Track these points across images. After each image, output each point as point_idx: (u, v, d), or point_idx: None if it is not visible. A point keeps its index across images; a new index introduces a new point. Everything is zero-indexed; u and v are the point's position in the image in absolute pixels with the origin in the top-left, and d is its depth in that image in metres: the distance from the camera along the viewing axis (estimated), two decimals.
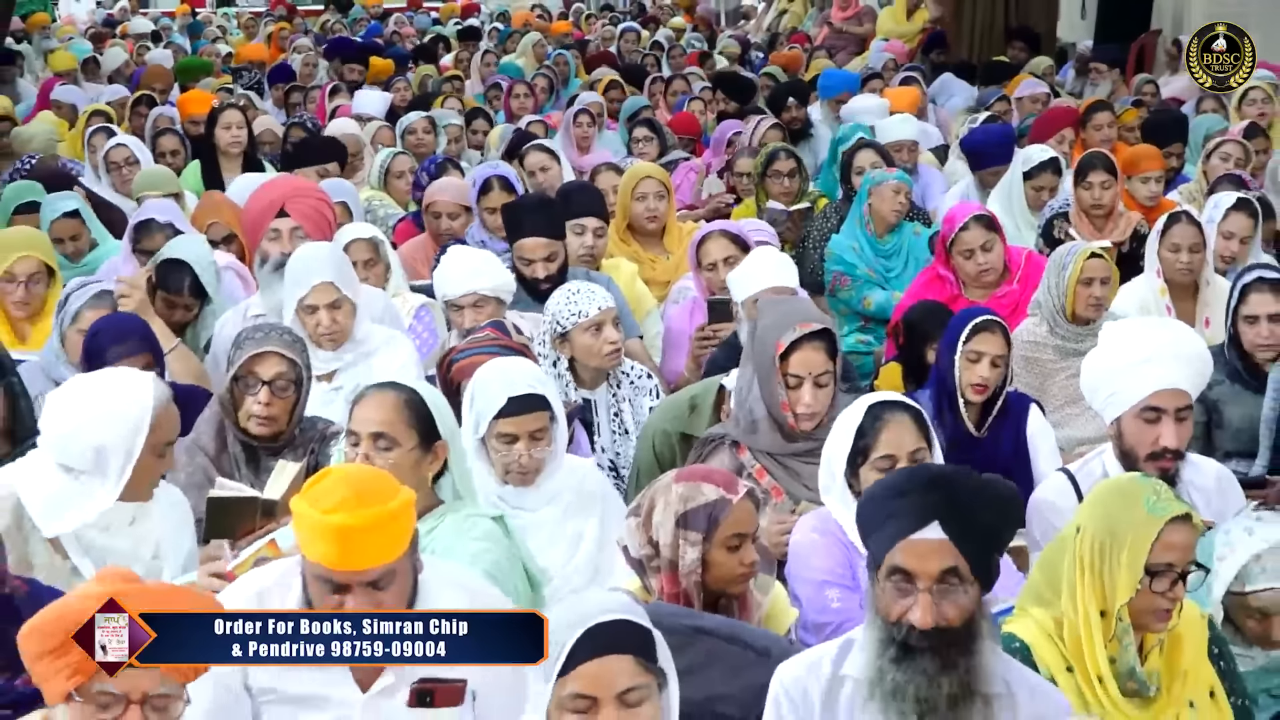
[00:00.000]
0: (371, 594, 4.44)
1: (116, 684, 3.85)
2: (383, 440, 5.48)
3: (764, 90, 17.18)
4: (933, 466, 4.50)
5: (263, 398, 6.28)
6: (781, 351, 6.16)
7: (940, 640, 4.17)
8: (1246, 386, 7.41)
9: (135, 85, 18.68)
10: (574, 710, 3.86)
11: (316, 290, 7.28)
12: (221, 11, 33.94)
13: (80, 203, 10.13)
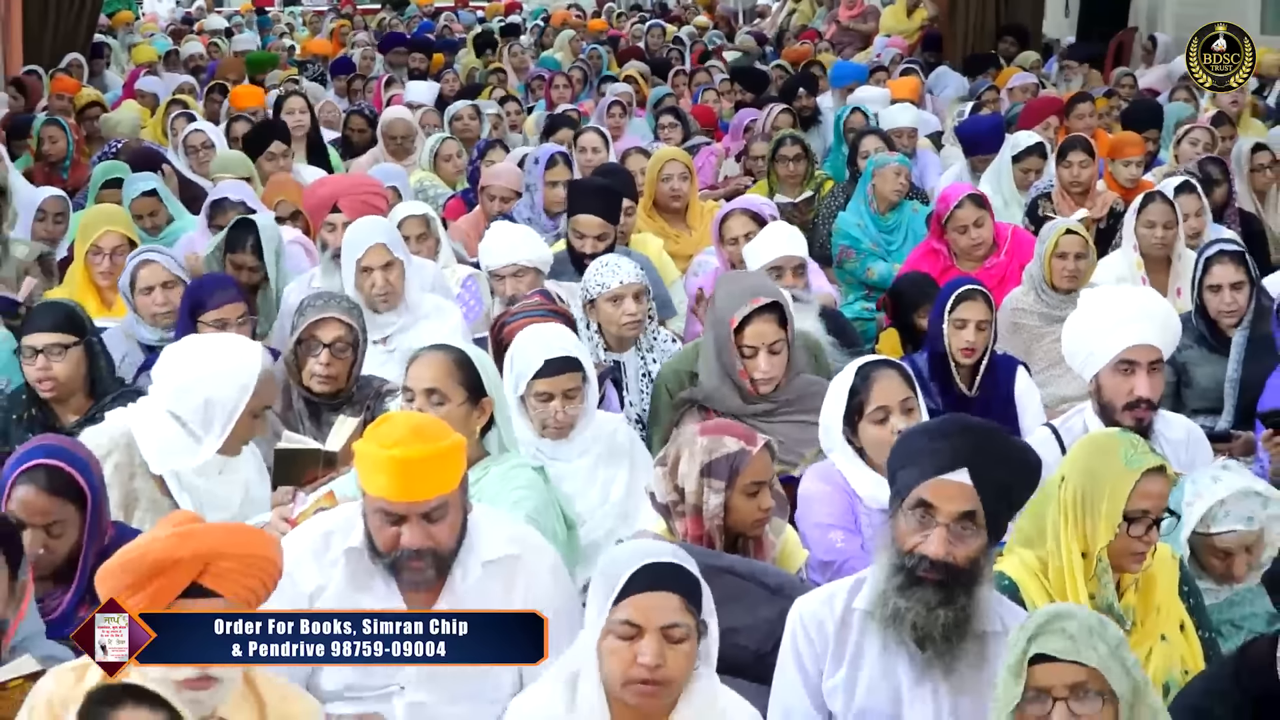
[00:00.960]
0: (425, 526, 4.48)
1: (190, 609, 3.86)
2: (435, 395, 5.49)
3: (777, 81, 17.19)
4: (971, 419, 4.49)
5: (323, 359, 6.31)
6: (735, 325, 6.22)
7: (945, 574, 4.19)
8: (1212, 350, 7.42)
9: (211, 76, 18.72)
10: (620, 636, 3.88)
11: (370, 252, 7.34)
12: (288, 10, 33.91)
13: (158, 182, 10.10)
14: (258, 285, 8.13)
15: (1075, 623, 3.62)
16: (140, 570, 3.84)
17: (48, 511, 4.73)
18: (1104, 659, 3.58)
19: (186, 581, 3.84)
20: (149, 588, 3.83)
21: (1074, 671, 3.57)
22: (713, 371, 6.33)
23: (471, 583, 4.62)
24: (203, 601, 3.85)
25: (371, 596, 4.59)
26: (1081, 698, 3.57)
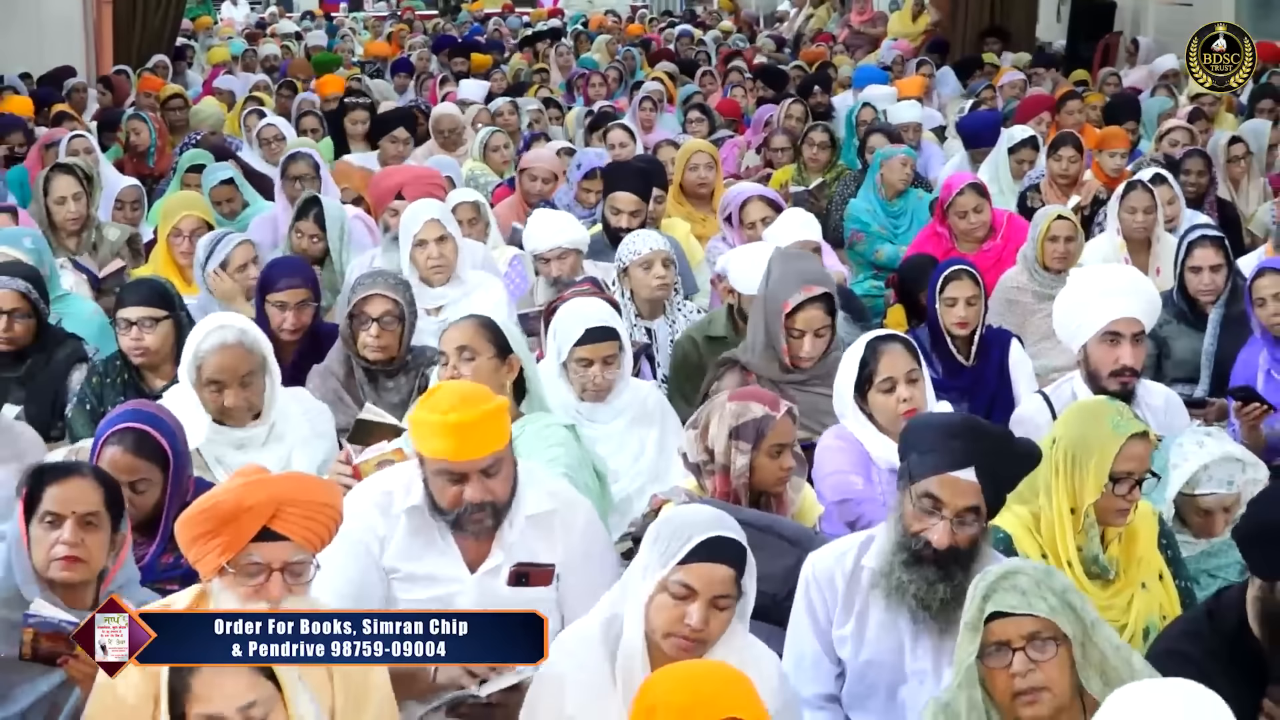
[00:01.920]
0: (484, 481, 4.51)
1: (261, 554, 3.88)
2: (466, 351, 5.56)
3: (795, 80, 17.18)
4: (982, 423, 4.53)
5: (373, 331, 6.30)
6: (788, 311, 6.20)
7: (946, 557, 4.23)
8: (1190, 325, 7.40)
9: (283, 75, 18.75)
10: (674, 595, 3.88)
11: (426, 226, 7.41)
12: (352, 15, 33.93)
13: (234, 172, 10.19)
14: (320, 258, 8.18)
15: (1025, 578, 3.62)
16: (217, 517, 3.86)
17: (133, 470, 4.74)
18: (1054, 607, 3.58)
19: (259, 526, 3.86)
20: (225, 533, 3.85)
21: (1028, 623, 3.57)
22: (758, 340, 6.31)
23: (517, 535, 4.65)
24: (274, 544, 3.88)
25: (431, 549, 4.62)
26: (1038, 645, 3.57)
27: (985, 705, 3.65)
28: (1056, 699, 3.58)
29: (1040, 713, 3.59)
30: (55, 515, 4.22)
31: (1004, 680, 3.60)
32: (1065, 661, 3.59)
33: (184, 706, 3.29)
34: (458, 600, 4.58)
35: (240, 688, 3.30)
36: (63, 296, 7.64)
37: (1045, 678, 3.56)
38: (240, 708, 3.28)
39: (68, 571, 4.21)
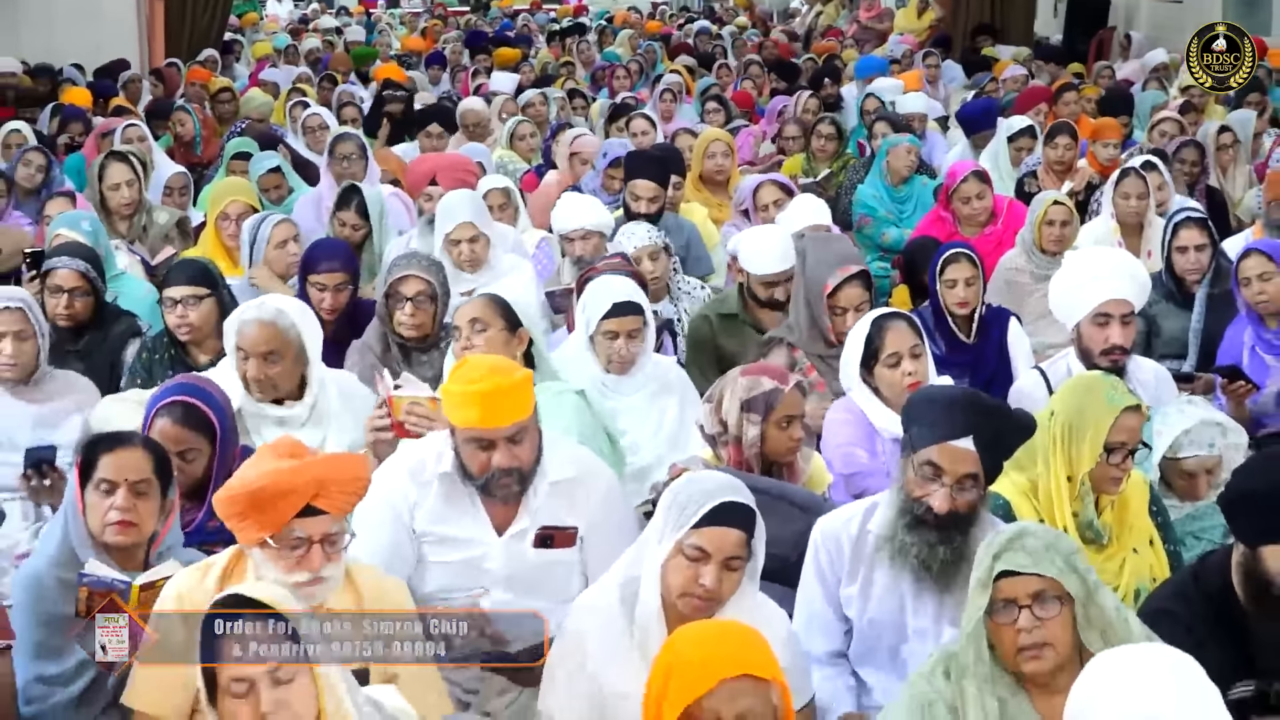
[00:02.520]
0: (511, 448, 4.51)
1: (302, 529, 3.88)
2: (478, 324, 5.63)
3: (807, 72, 17.15)
4: (980, 395, 4.55)
5: (408, 310, 6.29)
6: (829, 291, 6.25)
7: (946, 520, 4.25)
8: (1178, 304, 7.39)
9: (324, 68, 18.76)
10: (689, 557, 3.89)
11: (459, 228, 7.40)
12: (389, 11, 33.91)
13: (281, 160, 10.23)
14: (361, 242, 8.19)
15: (1033, 539, 3.61)
16: (261, 498, 3.86)
17: (181, 440, 4.75)
18: (1060, 569, 3.57)
19: (300, 506, 3.87)
20: (268, 512, 3.85)
21: (1035, 582, 3.56)
22: (802, 319, 6.38)
23: (542, 500, 4.65)
24: (314, 519, 3.88)
25: (461, 513, 4.63)
26: (1043, 603, 3.57)
27: (991, 658, 3.65)
28: (1059, 655, 3.58)
29: (1042, 668, 3.59)
30: (109, 483, 4.24)
31: (1009, 636, 3.59)
32: (1068, 621, 3.58)
33: (217, 669, 3.29)
34: (485, 562, 4.60)
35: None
36: (118, 276, 7.66)
37: (1049, 634, 3.56)
38: (269, 669, 3.28)
39: (121, 536, 4.24)
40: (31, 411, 5.79)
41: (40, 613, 4.33)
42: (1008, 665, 3.65)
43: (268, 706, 3.27)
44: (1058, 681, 3.58)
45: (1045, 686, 3.63)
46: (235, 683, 3.29)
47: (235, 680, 3.29)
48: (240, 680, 3.28)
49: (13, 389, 5.85)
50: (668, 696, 3.15)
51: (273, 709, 3.27)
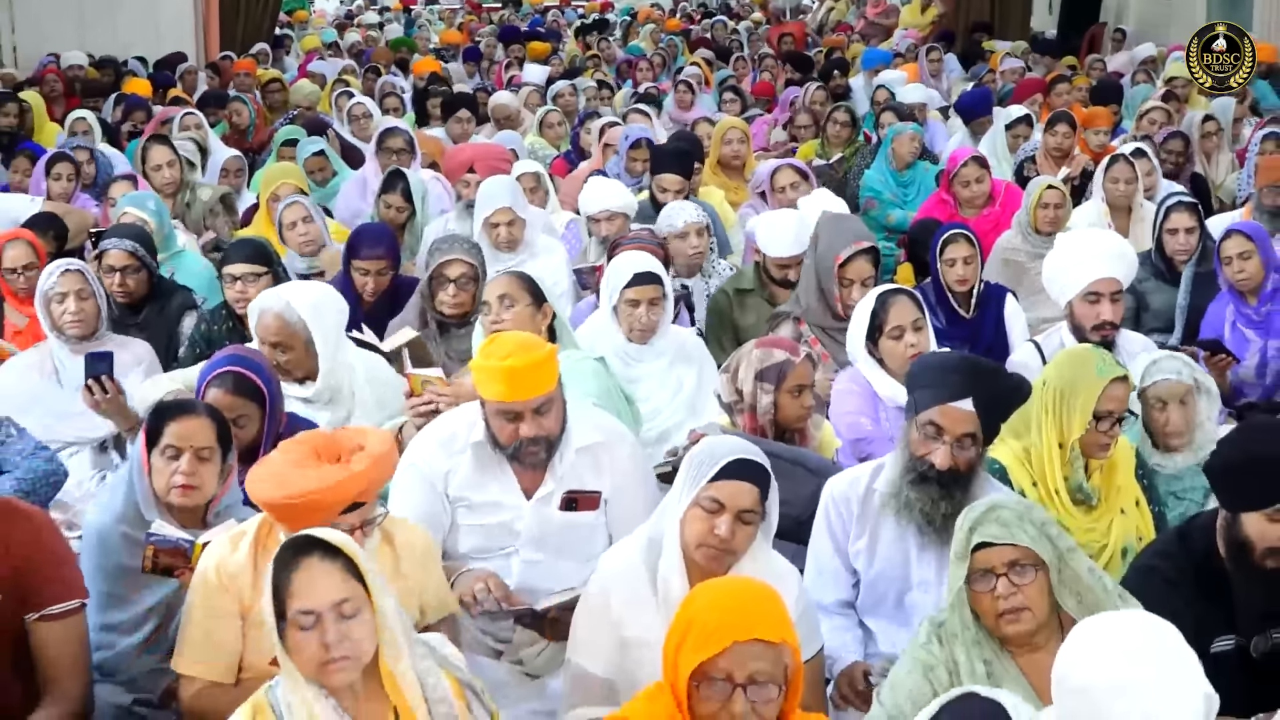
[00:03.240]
0: (538, 419, 4.51)
1: (346, 521, 3.88)
2: (506, 299, 5.62)
3: (819, 64, 17.13)
4: (978, 360, 4.56)
5: (450, 291, 6.30)
6: (839, 265, 6.24)
7: (947, 477, 4.26)
8: (1166, 281, 7.38)
9: (367, 60, 18.77)
10: (706, 509, 3.88)
11: (498, 212, 7.43)
12: (428, 7, 33.89)
13: (325, 144, 10.24)
14: (405, 223, 8.20)
15: (1007, 511, 3.61)
16: (302, 510, 3.84)
17: (233, 408, 4.75)
18: (1032, 537, 3.57)
19: (345, 506, 3.89)
20: (310, 518, 3.79)
21: (1010, 551, 3.56)
22: (811, 293, 6.38)
23: (567, 466, 4.65)
24: (352, 514, 3.91)
25: (492, 479, 4.63)
26: (1018, 570, 3.56)
27: (974, 624, 3.65)
28: (1036, 618, 3.58)
29: (1021, 629, 3.59)
30: (175, 449, 4.26)
31: (989, 602, 3.59)
32: (1043, 585, 3.58)
33: (285, 603, 3.31)
34: (515, 524, 4.60)
35: (333, 587, 3.31)
36: (178, 253, 7.70)
37: (1026, 599, 3.56)
38: (334, 604, 3.30)
39: (184, 498, 4.26)
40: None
41: (107, 566, 4.35)
42: (990, 630, 3.65)
43: (332, 638, 3.29)
44: (1036, 640, 3.59)
45: (1026, 646, 3.63)
46: (303, 615, 3.30)
47: (303, 614, 3.30)
48: (308, 614, 3.30)
49: (76, 345, 5.88)
50: (683, 653, 3.15)
51: (337, 640, 3.29)
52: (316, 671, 3.32)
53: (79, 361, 5.68)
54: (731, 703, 3.11)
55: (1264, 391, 6.70)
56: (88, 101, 13.82)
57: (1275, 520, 3.86)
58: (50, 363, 5.99)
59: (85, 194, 9.55)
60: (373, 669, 3.40)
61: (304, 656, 3.31)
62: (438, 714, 3.45)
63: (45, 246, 7.15)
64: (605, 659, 3.98)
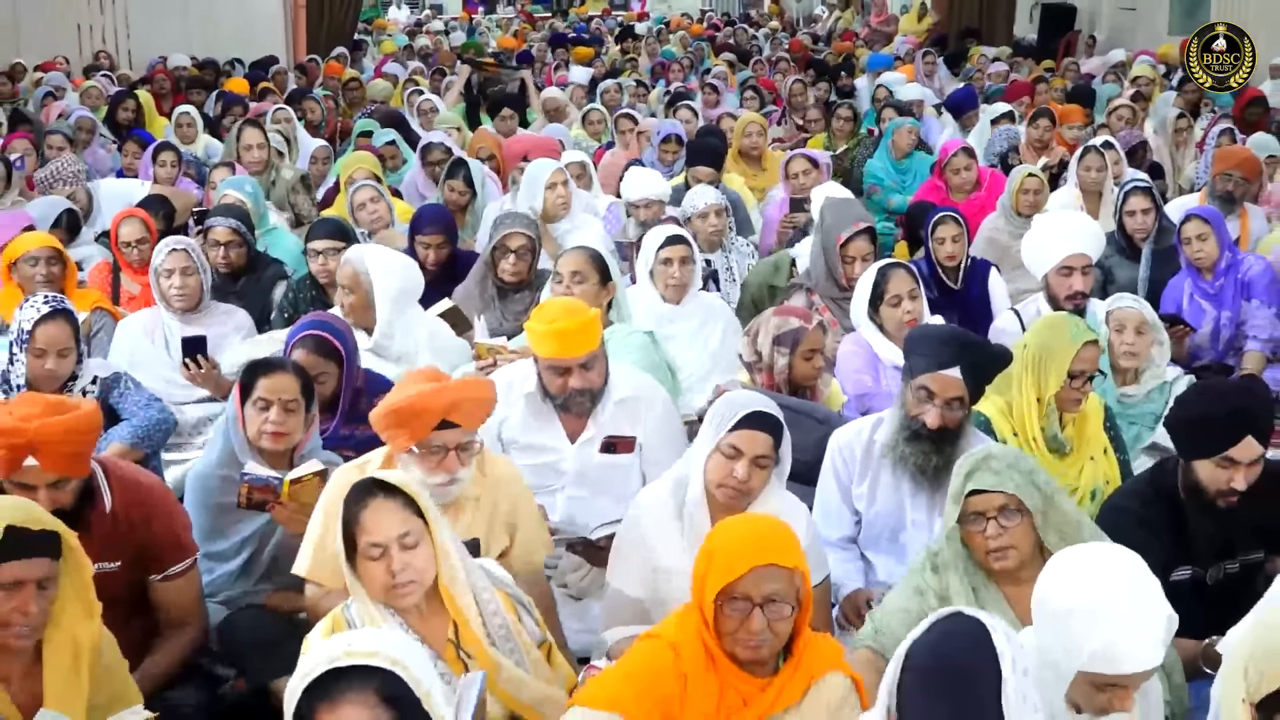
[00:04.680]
0: (583, 373, 4.59)
1: (441, 439, 3.90)
2: (578, 275, 5.64)
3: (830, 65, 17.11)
4: (966, 333, 4.55)
5: (511, 260, 6.30)
6: (841, 243, 6.24)
7: (937, 434, 4.26)
8: (1128, 257, 7.30)
9: (434, 62, 18.76)
10: (725, 454, 3.88)
11: (554, 174, 7.57)
12: (487, 16, 33.84)
13: (396, 135, 10.28)
14: (466, 205, 8.18)
15: (998, 461, 3.56)
16: (409, 413, 3.87)
17: (315, 366, 4.74)
18: (1020, 486, 3.52)
19: (439, 420, 3.88)
20: (415, 425, 3.86)
21: (999, 498, 3.52)
22: (818, 267, 6.37)
23: (608, 415, 4.69)
24: (450, 431, 3.90)
25: (542, 425, 4.67)
26: (1006, 515, 3.52)
27: (966, 555, 3.63)
28: (1021, 555, 3.55)
29: (1008, 566, 3.56)
30: (265, 401, 4.27)
31: (980, 540, 3.57)
32: (1028, 527, 3.54)
33: (355, 537, 3.32)
34: (561, 464, 4.63)
35: (396, 521, 3.32)
36: (271, 230, 7.73)
37: (1012, 540, 3.53)
38: (398, 536, 3.31)
39: (274, 444, 4.27)
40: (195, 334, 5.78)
41: (208, 503, 4.37)
42: (979, 563, 3.63)
43: (397, 566, 3.30)
44: (1021, 574, 3.55)
45: (1011, 578, 3.60)
46: (371, 547, 3.31)
47: (372, 545, 3.31)
48: (376, 545, 3.31)
49: (182, 317, 5.90)
50: (709, 578, 3.15)
51: (401, 568, 3.30)
52: (385, 595, 3.34)
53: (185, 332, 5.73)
54: (750, 620, 3.11)
55: (1217, 355, 6.68)
56: (192, 98, 13.84)
57: (1222, 467, 3.87)
58: (161, 331, 5.96)
59: (186, 179, 9.58)
60: (434, 590, 3.41)
61: (373, 583, 3.33)
62: (492, 625, 3.46)
63: (156, 224, 7.17)
64: (639, 584, 3.98)
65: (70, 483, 3.82)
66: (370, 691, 2.42)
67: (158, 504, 4.05)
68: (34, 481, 3.75)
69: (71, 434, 3.78)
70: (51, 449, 3.74)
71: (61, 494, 3.80)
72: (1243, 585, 3.89)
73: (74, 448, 3.80)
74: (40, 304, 5.08)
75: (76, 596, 3.30)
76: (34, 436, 3.71)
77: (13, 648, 3.21)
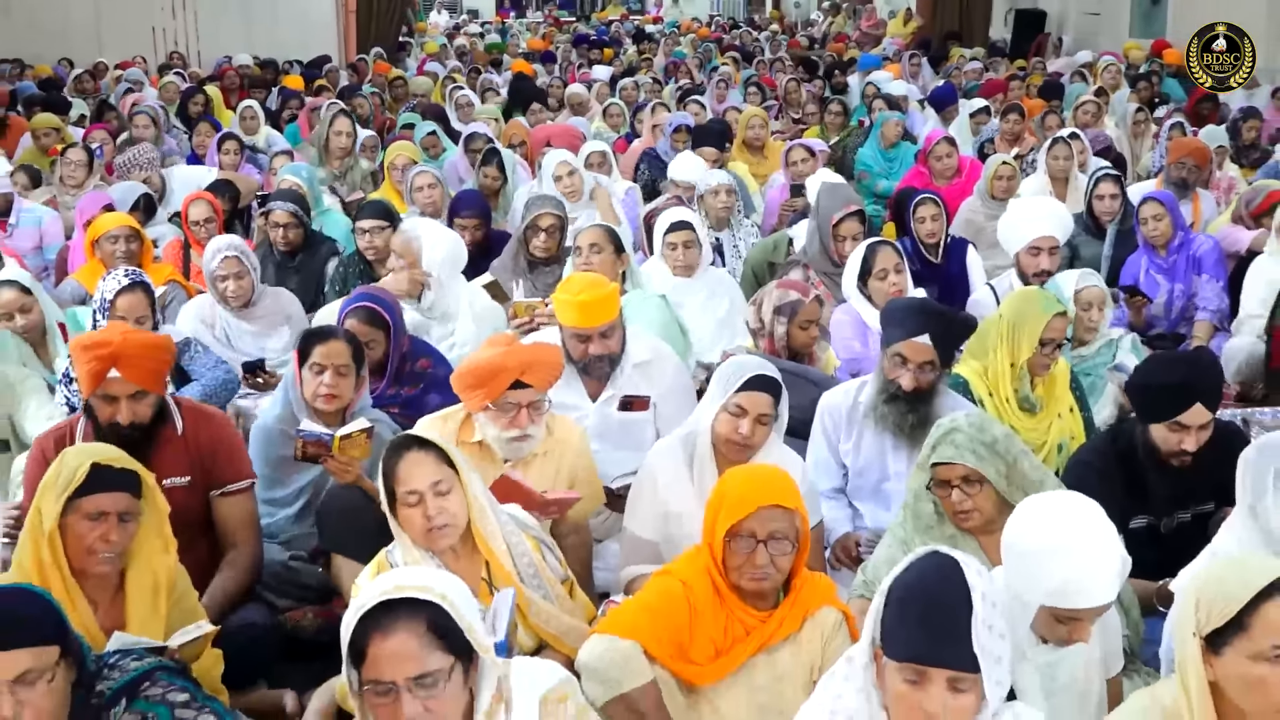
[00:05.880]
0: (603, 340, 4.59)
1: (514, 398, 3.94)
2: (595, 247, 5.70)
3: (823, 64, 17.00)
4: (935, 304, 4.55)
5: (542, 238, 6.29)
6: (834, 223, 6.24)
7: (912, 395, 4.26)
8: (1094, 236, 7.27)
9: (470, 61, 18.70)
10: (731, 413, 3.90)
11: (558, 166, 7.62)
12: (517, 20, 33.73)
13: (436, 127, 10.25)
14: (499, 189, 8.14)
15: (961, 434, 3.49)
16: (485, 373, 3.93)
17: (365, 334, 4.74)
18: (981, 456, 3.45)
19: (512, 380, 3.92)
20: (490, 384, 3.91)
21: (960, 469, 3.46)
22: (814, 245, 6.38)
23: (625, 377, 4.68)
24: (522, 391, 3.94)
25: (567, 386, 4.63)
26: (968, 483, 3.47)
27: (937, 510, 3.60)
28: (984, 516, 3.48)
29: (972, 527, 3.52)
30: (320, 365, 4.27)
31: (948, 504, 3.54)
32: (990, 493, 3.47)
33: (394, 487, 3.34)
34: (583, 421, 4.61)
35: (430, 471, 3.33)
36: (325, 211, 7.72)
37: (974, 505, 3.48)
38: (431, 484, 3.32)
39: (327, 404, 4.28)
40: (249, 326, 5.80)
41: (269, 456, 4.39)
42: (951, 517, 3.61)
43: (432, 511, 3.32)
44: (989, 527, 3.49)
45: (982, 530, 3.55)
46: (409, 495, 3.32)
47: (408, 493, 3.32)
48: (412, 493, 3.32)
49: (237, 312, 5.82)
50: (719, 518, 3.16)
51: (436, 512, 3.32)
52: (423, 538, 3.34)
53: (240, 325, 5.76)
54: (755, 554, 3.13)
55: (1170, 324, 6.67)
56: (254, 93, 13.82)
57: (1174, 430, 3.86)
58: (220, 325, 5.80)
59: (249, 165, 9.57)
60: (468, 534, 3.41)
61: (413, 527, 3.34)
62: (521, 565, 3.47)
63: (222, 205, 7.17)
64: (653, 527, 3.98)
65: (148, 397, 3.94)
66: (420, 621, 2.43)
67: (221, 431, 4.12)
68: (117, 392, 3.89)
69: (150, 349, 3.95)
70: (132, 361, 3.87)
71: (140, 406, 3.92)
72: (1194, 533, 3.87)
73: (152, 363, 3.94)
74: (120, 276, 5.14)
75: (155, 533, 3.39)
76: (118, 349, 3.85)
77: (98, 572, 3.30)
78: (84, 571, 3.28)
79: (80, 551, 3.25)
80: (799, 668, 3.19)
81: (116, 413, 3.88)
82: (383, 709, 2.41)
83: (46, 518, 3.24)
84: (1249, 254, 6.87)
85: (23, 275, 5.52)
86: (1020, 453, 3.54)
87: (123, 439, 3.77)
